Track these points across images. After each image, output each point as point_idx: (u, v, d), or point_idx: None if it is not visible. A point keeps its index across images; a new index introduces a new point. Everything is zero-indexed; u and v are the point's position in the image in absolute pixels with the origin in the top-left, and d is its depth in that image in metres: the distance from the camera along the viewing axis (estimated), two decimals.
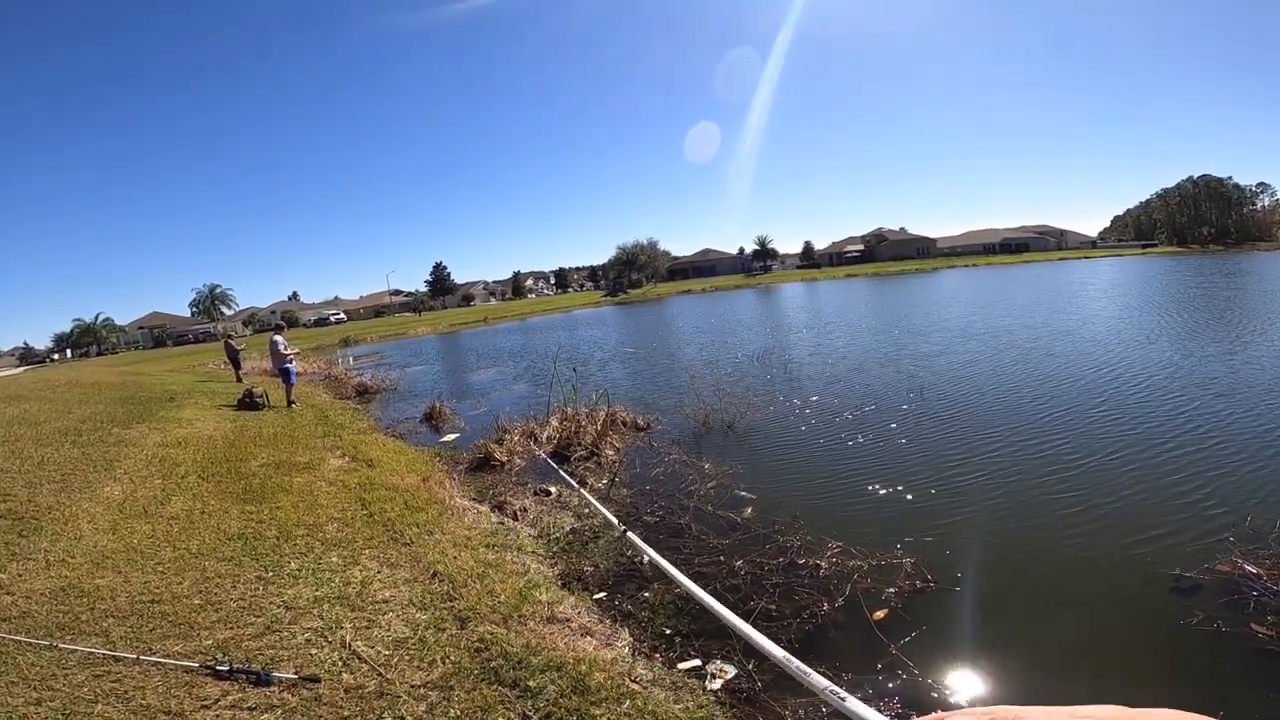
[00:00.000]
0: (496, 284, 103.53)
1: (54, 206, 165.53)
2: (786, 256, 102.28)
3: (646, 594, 4.56)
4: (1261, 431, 7.01)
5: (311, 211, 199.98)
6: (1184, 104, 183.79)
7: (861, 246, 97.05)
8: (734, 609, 4.19)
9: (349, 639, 3.48)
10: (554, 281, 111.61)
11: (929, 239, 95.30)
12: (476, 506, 6.56)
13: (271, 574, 4.36)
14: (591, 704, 2.97)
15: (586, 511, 6.27)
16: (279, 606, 3.87)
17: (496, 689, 3.08)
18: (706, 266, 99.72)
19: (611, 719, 2.91)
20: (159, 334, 72.93)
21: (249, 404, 12.51)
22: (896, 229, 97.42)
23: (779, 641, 3.82)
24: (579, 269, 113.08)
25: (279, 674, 3.04)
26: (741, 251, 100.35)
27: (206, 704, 2.85)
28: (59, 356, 58.60)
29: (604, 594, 4.60)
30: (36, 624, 3.60)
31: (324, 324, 72.78)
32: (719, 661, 3.70)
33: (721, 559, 5.05)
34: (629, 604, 4.44)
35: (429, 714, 2.89)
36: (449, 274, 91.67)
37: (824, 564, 4.80)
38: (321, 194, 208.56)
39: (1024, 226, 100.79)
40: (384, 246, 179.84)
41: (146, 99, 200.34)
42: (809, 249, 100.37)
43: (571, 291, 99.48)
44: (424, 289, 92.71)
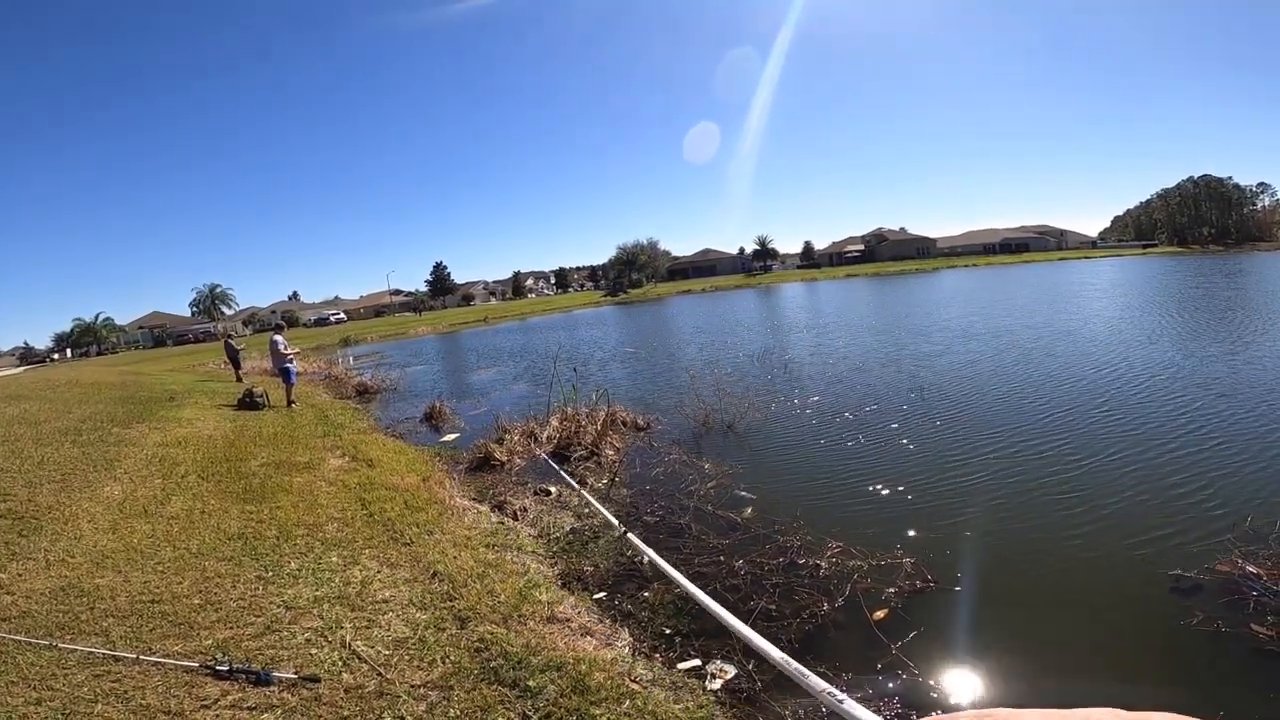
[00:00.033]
0: (496, 284, 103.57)
1: (54, 206, 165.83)
2: (786, 256, 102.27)
3: (646, 594, 4.56)
4: (1263, 432, 7.00)
5: (311, 211, 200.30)
6: (1184, 104, 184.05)
7: (861, 246, 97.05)
8: (734, 609, 4.19)
9: (349, 639, 3.48)
10: (554, 281, 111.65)
11: (929, 239, 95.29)
12: (476, 506, 6.56)
13: (271, 574, 4.36)
14: (591, 704, 2.97)
15: (586, 511, 6.27)
16: (279, 606, 3.87)
17: (496, 689, 3.08)
18: (706, 266, 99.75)
19: (611, 719, 2.91)
20: (159, 334, 72.94)
21: (249, 404, 12.52)
22: (896, 229, 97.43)
23: (779, 641, 3.82)
24: (579, 269, 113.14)
25: (279, 674, 3.04)
26: (741, 251, 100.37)
27: (206, 704, 2.85)
28: (59, 356, 58.59)
29: (604, 594, 4.60)
30: (36, 623, 3.60)
31: (324, 324, 72.80)
32: (719, 661, 3.69)
33: (721, 559, 5.05)
34: (629, 604, 4.44)
35: (429, 714, 2.89)
36: (449, 274, 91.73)
37: (824, 564, 4.80)
38: (321, 194, 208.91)
39: (1024, 226, 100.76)
40: (384, 246, 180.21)
41: (146, 99, 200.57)
42: (809, 249, 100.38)
43: (572, 291, 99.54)
44: (424, 289, 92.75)
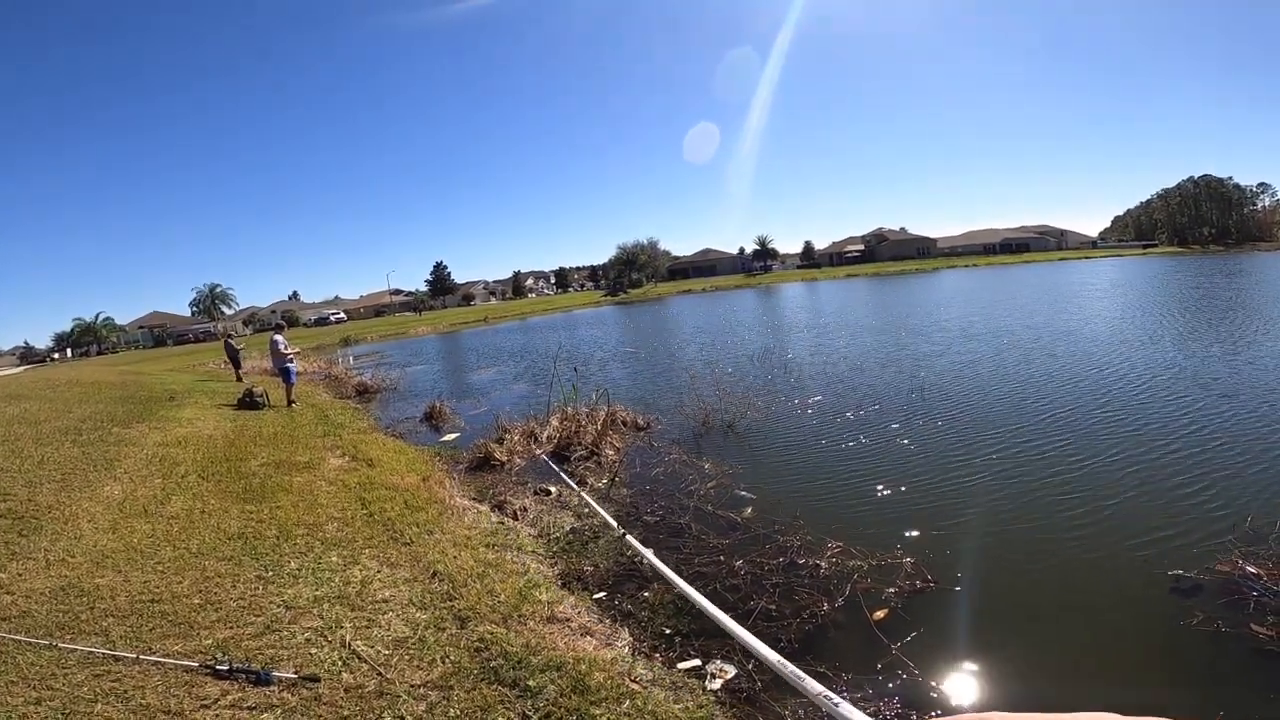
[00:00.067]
0: (497, 284, 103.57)
1: (54, 206, 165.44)
2: (787, 256, 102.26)
3: (646, 594, 4.56)
4: (1265, 433, 7.00)
5: (311, 211, 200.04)
6: (1184, 104, 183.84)
7: (862, 246, 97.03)
8: (733, 610, 4.19)
9: (349, 638, 3.48)
10: (554, 281, 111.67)
11: (929, 239, 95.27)
12: (476, 506, 6.56)
13: (271, 573, 4.36)
14: (591, 704, 2.97)
15: (586, 511, 6.27)
16: (279, 606, 3.87)
17: (496, 689, 3.08)
18: (707, 266, 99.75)
19: (611, 719, 2.91)
20: (159, 333, 72.96)
21: (249, 403, 12.52)
22: (897, 229, 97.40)
23: (779, 641, 3.83)
24: (579, 269, 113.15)
25: (279, 673, 3.04)
26: (742, 251, 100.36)
27: (206, 703, 2.85)
28: (59, 356, 58.61)
29: (604, 594, 4.60)
30: (36, 623, 3.60)
31: (324, 323, 72.80)
32: (719, 661, 3.69)
33: (721, 559, 5.04)
34: (629, 604, 4.44)
35: (429, 714, 2.89)
36: (449, 273, 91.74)
37: (824, 564, 4.80)
38: (321, 194, 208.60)
39: (1024, 227, 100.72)
40: (384, 246, 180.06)
41: (146, 99, 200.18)
42: (809, 249, 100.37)
43: (572, 291, 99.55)
44: (424, 288, 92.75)
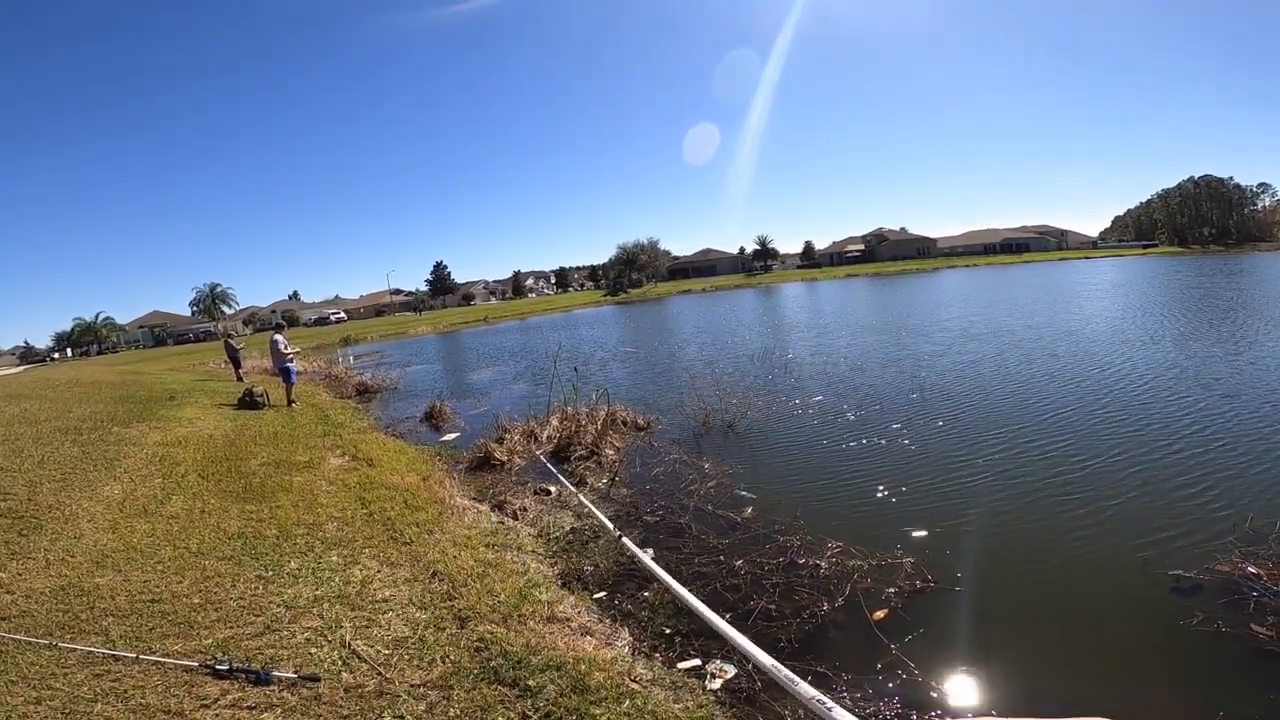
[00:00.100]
0: (497, 283, 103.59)
1: (54, 206, 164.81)
2: (787, 256, 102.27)
3: (646, 593, 4.56)
4: (1266, 433, 7.00)
5: (311, 211, 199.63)
6: (1184, 104, 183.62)
7: (862, 246, 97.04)
8: (732, 610, 4.19)
9: (349, 638, 3.48)
10: (554, 281, 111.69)
11: (929, 239, 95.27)
12: (476, 506, 6.56)
13: (271, 573, 4.36)
14: (591, 703, 2.97)
15: (586, 511, 6.27)
16: (279, 606, 3.87)
17: (496, 688, 3.08)
18: (707, 266, 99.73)
19: (611, 718, 2.91)
20: (159, 333, 72.97)
21: (249, 403, 12.51)
22: (897, 229, 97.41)
23: (779, 641, 3.83)
24: (579, 268, 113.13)
25: (279, 673, 3.04)
26: (742, 251, 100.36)
27: (206, 703, 2.85)
28: (59, 355, 58.64)
29: (604, 593, 4.60)
30: (36, 623, 3.60)
31: (324, 323, 72.81)
32: (719, 661, 3.69)
33: (721, 559, 5.04)
34: (629, 603, 4.44)
35: (429, 713, 2.89)
36: (449, 273, 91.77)
37: (824, 564, 4.80)
38: (321, 194, 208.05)
39: (1024, 227, 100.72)
40: (384, 246, 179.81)
41: (146, 99, 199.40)
42: (809, 249, 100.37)
43: (572, 291, 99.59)
44: (424, 288, 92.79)
